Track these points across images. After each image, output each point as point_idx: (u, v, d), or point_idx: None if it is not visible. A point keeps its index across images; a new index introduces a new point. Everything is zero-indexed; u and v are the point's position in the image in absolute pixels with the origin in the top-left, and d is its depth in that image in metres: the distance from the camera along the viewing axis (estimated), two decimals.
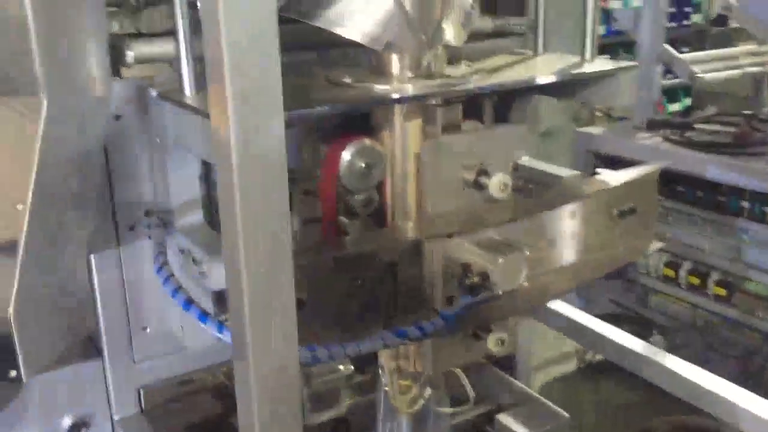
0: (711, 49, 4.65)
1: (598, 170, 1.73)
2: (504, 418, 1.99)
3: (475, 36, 1.91)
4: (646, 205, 1.71)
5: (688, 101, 5.88)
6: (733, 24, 5.61)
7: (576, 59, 1.74)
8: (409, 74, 1.51)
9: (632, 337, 2.23)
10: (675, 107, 5.91)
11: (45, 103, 1.18)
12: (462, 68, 1.61)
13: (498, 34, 1.97)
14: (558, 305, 2.35)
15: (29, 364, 1.16)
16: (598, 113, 3.87)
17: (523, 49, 1.96)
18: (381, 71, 1.52)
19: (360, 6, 1.45)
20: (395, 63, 1.51)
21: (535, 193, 1.69)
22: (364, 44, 1.46)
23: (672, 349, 2.86)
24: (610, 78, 1.66)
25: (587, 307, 3.20)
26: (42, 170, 1.17)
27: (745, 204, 3.07)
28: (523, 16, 1.94)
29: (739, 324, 3.20)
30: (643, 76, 3.45)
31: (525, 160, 1.86)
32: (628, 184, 1.67)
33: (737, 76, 3.73)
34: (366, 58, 1.56)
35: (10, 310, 1.12)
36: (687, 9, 5.86)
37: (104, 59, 1.35)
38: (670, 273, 3.43)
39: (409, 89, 1.47)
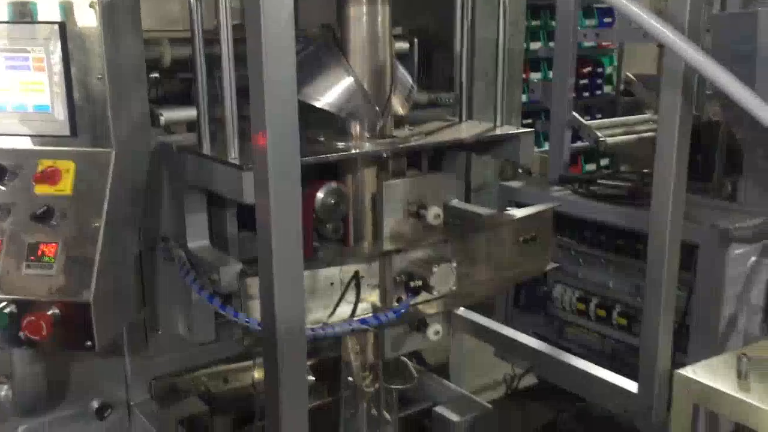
0: (622, 116, 5.33)
1: (508, 208, 2.28)
2: (440, 410, 2.47)
3: (415, 106, 2.48)
4: (543, 234, 2.27)
5: (606, 161, 6.60)
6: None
7: (490, 125, 2.31)
8: (367, 135, 2.04)
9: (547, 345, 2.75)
10: (592, 166, 6.62)
11: (114, 153, 1.67)
12: (405, 131, 2.16)
13: (432, 104, 2.53)
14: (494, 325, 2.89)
15: (100, 337, 1.61)
16: (519, 170, 4.44)
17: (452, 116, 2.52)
18: (346, 132, 2.05)
19: (329, 85, 1.99)
20: (356, 126, 2.04)
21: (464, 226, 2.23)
22: (333, 112, 2.00)
23: None
24: (515, 139, 2.23)
25: None
26: (111, 199, 1.65)
27: (640, 246, 3.63)
28: (452, 92, 2.50)
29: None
30: (555, 140, 4.06)
31: (455, 202, 2.43)
32: (529, 218, 2.23)
33: (635, 141, 4.39)
34: (335, 122, 2.08)
35: (91, 297, 1.58)
36: (599, 81, 6.67)
37: (147, 120, 1.85)
38: (582, 307, 3.91)
39: (367, 146, 2.00)
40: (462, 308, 2.86)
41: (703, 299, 3.17)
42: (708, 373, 2.04)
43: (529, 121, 6.01)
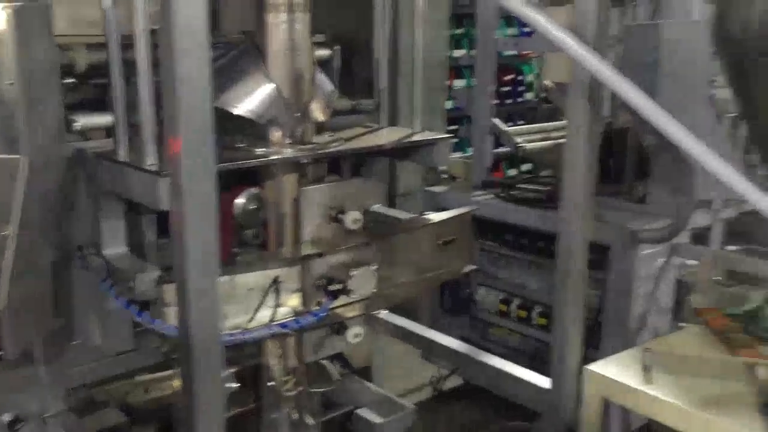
0: (542, 122, 5.49)
1: (427, 212, 2.34)
2: (361, 412, 2.51)
3: (337, 112, 2.51)
4: (462, 236, 2.34)
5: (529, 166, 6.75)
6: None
7: (409, 131, 2.36)
8: (287, 141, 2.06)
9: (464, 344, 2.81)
10: (514, 171, 6.76)
11: (26, 159, 1.64)
12: (326, 137, 2.18)
13: (354, 111, 2.57)
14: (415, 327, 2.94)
15: (11, 347, 1.57)
16: (443, 175, 4.52)
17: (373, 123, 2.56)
18: (266, 139, 2.07)
19: (248, 91, 2.00)
20: (276, 133, 2.06)
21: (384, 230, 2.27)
22: (253, 119, 2.01)
23: None
24: (432, 145, 2.28)
25: None
26: (23, 207, 1.61)
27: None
28: (372, 99, 2.55)
29: None
30: (477, 145, 4.16)
31: (377, 207, 2.47)
32: (448, 221, 2.29)
33: (552, 146, 4.53)
34: (255, 128, 2.09)
35: (0, 307, 1.54)
36: (521, 88, 6.83)
37: (62, 126, 1.82)
38: (504, 308, 4.00)
39: (286, 152, 2.02)
40: (385, 311, 2.91)
41: (614, 298, 3.31)
42: (615, 368, 2.13)
43: (455, 127, 6.12)
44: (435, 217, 2.28)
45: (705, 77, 2.90)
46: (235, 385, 2.42)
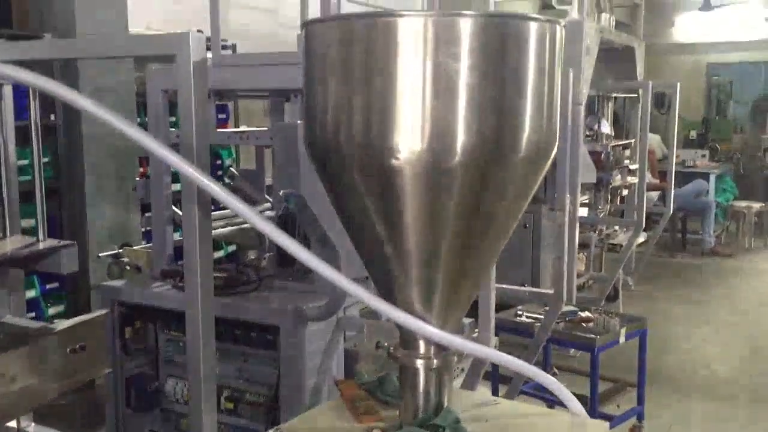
0: None
1: (55, 320, 2.30)
2: None
3: None
4: (96, 341, 2.33)
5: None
6: None
7: (34, 239, 2.33)
8: None
9: None
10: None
11: None
12: None
13: None
14: None
15: None
16: (127, 267, 4.43)
17: None
18: None
19: None
20: None
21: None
22: None
23: None
24: (56, 252, 2.27)
25: None
26: None
27: (239, 332, 3.82)
28: None
29: (248, 429, 3.89)
30: (157, 235, 4.14)
31: (8, 318, 2.38)
32: (76, 327, 2.27)
33: (237, 231, 4.68)
34: None
35: None
36: (220, 173, 6.99)
37: None
38: None
39: None
40: (34, 425, 2.77)
41: (288, 375, 3.47)
42: None
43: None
44: (62, 324, 2.25)
45: None
46: None
